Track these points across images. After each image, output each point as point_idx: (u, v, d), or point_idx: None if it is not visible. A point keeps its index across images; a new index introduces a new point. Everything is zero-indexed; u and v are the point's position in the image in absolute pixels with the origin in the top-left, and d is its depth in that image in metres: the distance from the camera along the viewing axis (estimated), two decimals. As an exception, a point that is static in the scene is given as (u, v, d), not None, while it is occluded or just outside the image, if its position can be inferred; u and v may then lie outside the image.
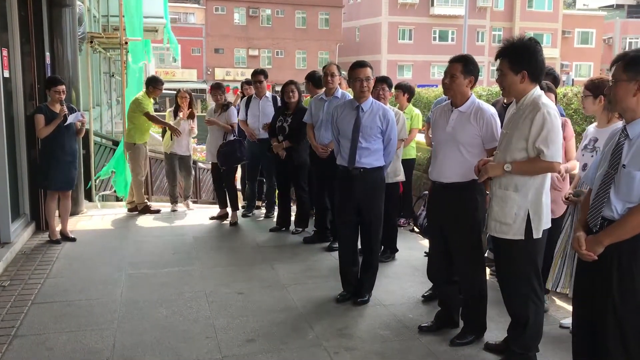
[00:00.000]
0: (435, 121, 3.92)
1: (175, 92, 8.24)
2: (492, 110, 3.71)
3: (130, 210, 7.79)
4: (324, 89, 5.95)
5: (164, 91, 8.07)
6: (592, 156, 3.83)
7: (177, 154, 7.90)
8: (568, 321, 3.75)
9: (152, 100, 7.77)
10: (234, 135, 7.03)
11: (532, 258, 3.33)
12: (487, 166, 3.33)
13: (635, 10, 54.22)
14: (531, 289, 3.34)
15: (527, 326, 3.38)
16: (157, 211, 7.76)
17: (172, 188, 8.09)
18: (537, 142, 3.14)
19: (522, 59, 3.19)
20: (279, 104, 7.00)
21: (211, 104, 7.54)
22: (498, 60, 3.27)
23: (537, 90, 3.24)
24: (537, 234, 3.27)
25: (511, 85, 3.24)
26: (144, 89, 7.87)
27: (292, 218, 6.90)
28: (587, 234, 2.72)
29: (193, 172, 8.22)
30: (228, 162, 7.07)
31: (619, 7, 55.03)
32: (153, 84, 7.68)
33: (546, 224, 3.32)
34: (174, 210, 7.89)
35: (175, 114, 7.84)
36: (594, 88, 3.86)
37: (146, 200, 7.87)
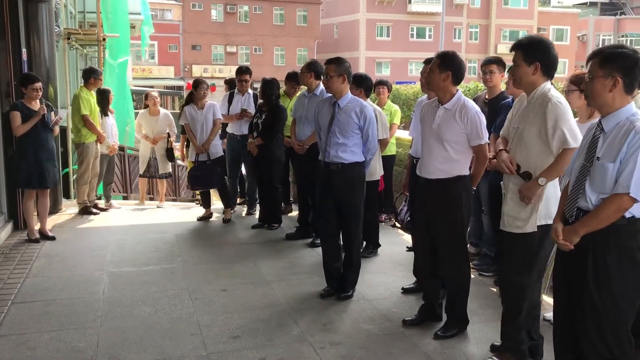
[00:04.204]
0: (422, 117, 3.94)
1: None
2: (477, 107, 3.73)
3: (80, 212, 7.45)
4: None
5: (141, 88, 7.97)
6: None
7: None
8: (550, 314, 3.79)
9: (93, 94, 7.38)
10: (208, 158, 6.91)
11: (543, 248, 3.28)
12: (524, 192, 3.20)
13: (608, 8, 55.11)
14: (532, 281, 3.31)
15: (518, 318, 3.35)
16: (97, 213, 7.46)
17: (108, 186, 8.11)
18: (557, 133, 3.10)
19: (536, 51, 3.18)
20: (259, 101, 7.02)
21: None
22: (513, 53, 3.24)
23: (548, 84, 3.22)
24: (549, 221, 3.19)
25: (523, 76, 3.21)
26: (82, 84, 7.51)
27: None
28: (565, 225, 2.79)
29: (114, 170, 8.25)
30: (198, 185, 7.07)
31: (592, 4, 55.85)
32: (94, 75, 7.39)
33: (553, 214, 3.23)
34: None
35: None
36: (580, 82, 3.83)
37: (86, 200, 7.45)
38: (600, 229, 2.62)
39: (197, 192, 8.29)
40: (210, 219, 7.21)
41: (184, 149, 7.77)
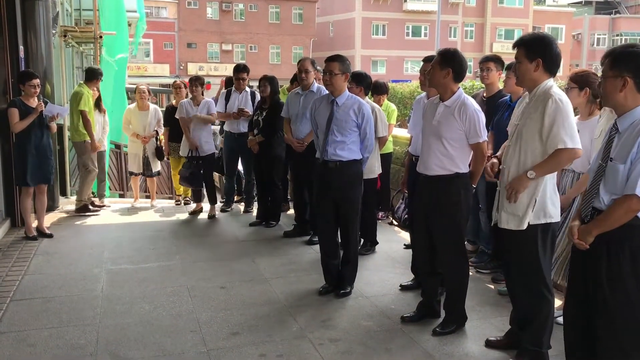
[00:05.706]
0: (424, 114, 3.96)
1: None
2: (477, 105, 3.74)
3: (77, 210, 7.37)
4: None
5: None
6: None
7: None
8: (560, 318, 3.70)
9: (92, 92, 7.35)
10: (198, 155, 6.99)
11: (544, 248, 3.25)
12: (513, 184, 3.23)
13: (602, 7, 55.30)
14: (542, 282, 3.28)
15: (535, 321, 3.32)
16: (94, 210, 7.39)
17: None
18: (553, 131, 3.08)
19: (537, 47, 3.18)
20: (257, 98, 7.03)
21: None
22: (515, 49, 3.25)
23: (550, 82, 3.21)
24: (547, 220, 3.22)
25: (525, 73, 3.21)
26: (82, 81, 7.49)
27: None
28: (582, 224, 2.77)
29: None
30: (191, 184, 7.16)
31: (587, 3, 56.05)
32: (101, 75, 7.46)
33: (555, 214, 3.23)
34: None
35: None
36: (579, 80, 3.88)
37: (85, 200, 7.41)
38: (615, 229, 2.61)
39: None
40: (201, 214, 7.26)
41: (168, 143, 7.81)
